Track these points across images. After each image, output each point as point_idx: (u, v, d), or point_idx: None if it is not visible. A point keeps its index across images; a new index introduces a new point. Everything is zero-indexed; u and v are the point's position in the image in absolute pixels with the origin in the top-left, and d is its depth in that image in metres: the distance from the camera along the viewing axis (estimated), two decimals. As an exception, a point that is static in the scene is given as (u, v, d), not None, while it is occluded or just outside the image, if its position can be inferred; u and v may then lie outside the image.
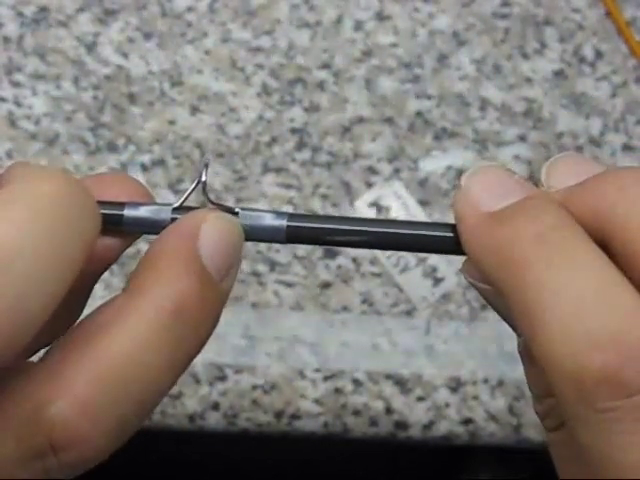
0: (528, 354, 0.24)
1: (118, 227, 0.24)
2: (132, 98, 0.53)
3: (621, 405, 0.20)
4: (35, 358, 0.23)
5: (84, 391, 0.20)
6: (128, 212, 0.24)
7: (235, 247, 0.23)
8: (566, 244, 0.21)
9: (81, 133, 0.52)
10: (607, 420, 0.20)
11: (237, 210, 0.24)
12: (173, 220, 0.24)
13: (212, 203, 0.24)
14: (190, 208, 0.24)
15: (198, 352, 0.23)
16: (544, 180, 0.23)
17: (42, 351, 0.23)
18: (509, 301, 0.21)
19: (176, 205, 0.24)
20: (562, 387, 0.20)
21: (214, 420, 0.50)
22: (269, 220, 0.24)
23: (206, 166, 0.25)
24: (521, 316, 0.21)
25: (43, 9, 0.54)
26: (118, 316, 0.21)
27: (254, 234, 0.24)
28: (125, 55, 0.53)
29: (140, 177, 0.52)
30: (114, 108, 0.52)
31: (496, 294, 0.22)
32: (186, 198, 0.24)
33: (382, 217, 0.52)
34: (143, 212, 0.24)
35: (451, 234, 0.24)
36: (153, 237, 0.24)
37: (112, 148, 0.52)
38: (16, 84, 0.53)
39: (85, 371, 0.20)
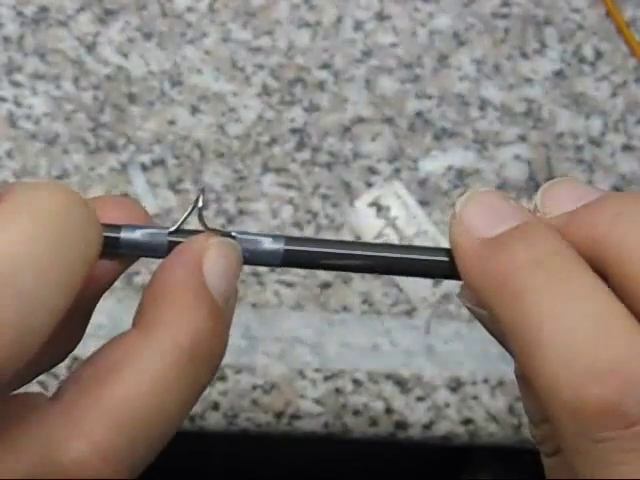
0: (524, 379, 0.24)
1: (115, 250, 0.24)
2: (132, 98, 0.53)
3: (620, 435, 0.19)
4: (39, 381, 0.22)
5: (104, 437, 0.20)
6: (125, 235, 0.24)
7: (237, 273, 0.23)
8: (563, 272, 0.21)
9: (81, 133, 0.52)
10: (606, 450, 0.20)
11: (234, 234, 0.24)
12: (170, 243, 0.24)
13: (208, 229, 0.24)
14: (187, 231, 0.24)
15: (210, 383, 0.23)
16: (539, 205, 0.23)
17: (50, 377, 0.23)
18: (505, 328, 0.21)
19: (173, 229, 0.24)
20: (560, 417, 0.20)
21: (214, 420, 0.50)
22: (267, 244, 0.24)
23: (202, 192, 0.24)
24: (518, 343, 0.21)
25: (43, 9, 0.54)
26: (132, 355, 0.21)
27: (251, 258, 0.24)
28: (125, 55, 0.53)
29: (140, 177, 0.52)
30: (114, 108, 0.52)
31: (493, 319, 0.22)
32: (182, 222, 0.24)
33: (382, 219, 0.52)
34: (139, 235, 0.24)
35: (447, 259, 0.24)
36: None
37: (112, 148, 0.52)
38: (16, 84, 0.53)
39: (103, 415, 0.20)
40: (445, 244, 0.24)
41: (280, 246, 0.24)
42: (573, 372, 0.20)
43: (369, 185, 0.52)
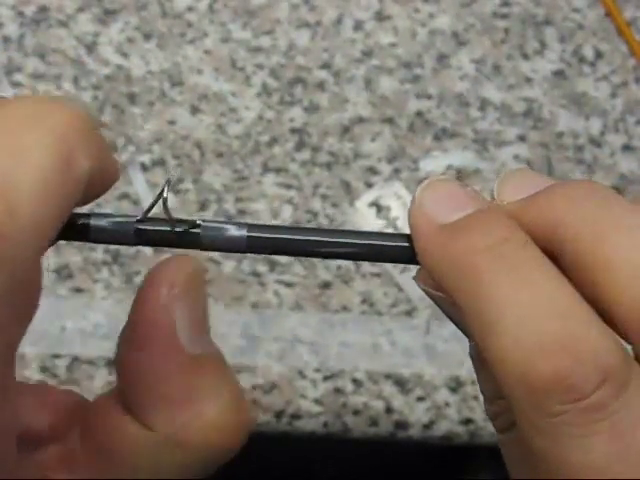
0: (479, 357, 0.25)
1: (85, 236, 0.24)
2: (132, 98, 0.53)
3: (571, 409, 0.20)
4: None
5: None
6: (95, 222, 0.24)
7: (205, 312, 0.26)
8: (517, 256, 0.22)
9: (81, 133, 0.52)
10: (558, 424, 0.20)
11: (199, 222, 0.25)
12: (137, 231, 0.25)
13: (172, 220, 0.25)
14: (154, 219, 0.25)
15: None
16: (496, 194, 0.24)
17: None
18: (463, 309, 0.22)
19: (139, 217, 0.25)
20: (514, 392, 0.21)
21: (214, 420, 0.50)
22: (231, 231, 0.25)
23: (168, 182, 0.25)
24: (475, 324, 0.22)
25: (43, 9, 0.54)
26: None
27: (217, 245, 0.25)
28: (125, 55, 0.53)
29: (140, 177, 0.52)
30: (114, 108, 0.52)
31: (449, 302, 0.23)
32: (148, 211, 0.25)
33: (382, 220, 0.52)
34: (107, 223, 0.25)
35: (407, 244, 0.24)
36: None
37: (112, 148, 0.52)
38: (16, 84, 0.53)
39: None
40: None
41: (243, 233, 0.25)
42: (526, 347, 0.20)
43: (369, 185, 0.52)
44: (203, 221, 0.25)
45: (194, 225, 0.25)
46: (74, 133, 0.21)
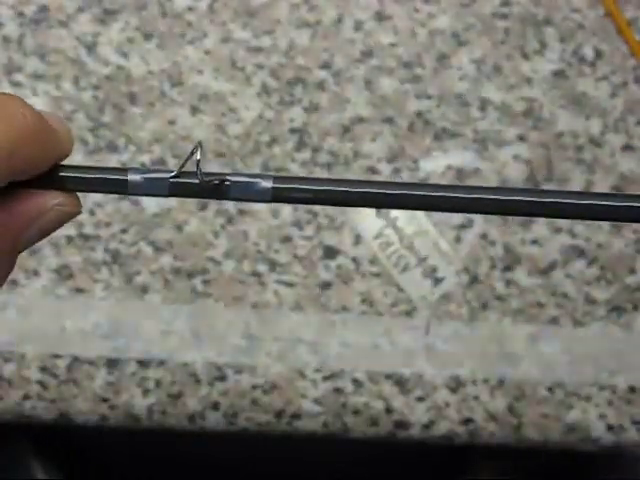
0: None
1: (123, 190, 0.28)
2: (132, 98, 0.53)
3: None
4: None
5: None
6: (132, 177, 0.28)
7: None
8: None
9: (81, 133, 0.52)
10: None
11: (228, 177, 0.28)
12: (171, 185, 0.28)
13: (203, 175, 0.27)
14: (185, 173, 0.28)
15: None
16: None
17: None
18: None
19: (174, 174, 0.28)
20: None
21: (214, 420, 0.50)
22: (258, 184, 0.28)
23: (199, 144, 0.28)
24: None
25: (43, 9, 0.54)
26: None
27: (244, 197, 0.28)
28: (125, 55, 0.53)
29: (140, 177, 0.52)
30: (114, 108, 0.52)
31: None
32: (181, 168, 0.28)
33: (382, 219, 0.52)
34: (143, 179, 0.28)
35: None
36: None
37: (112, 148, 0.52)
38: (16, 84, 0.53)
39: None
40: (445, 244, 0.25)
41: (269, 184, 0.28)
42: None
43: (369, 185, 0.52)
44: (231, 175, 0.28)
45: (223, 180, 0.27)
46: None
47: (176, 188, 0.28)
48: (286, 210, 0.52)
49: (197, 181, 0.27)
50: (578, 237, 0.52)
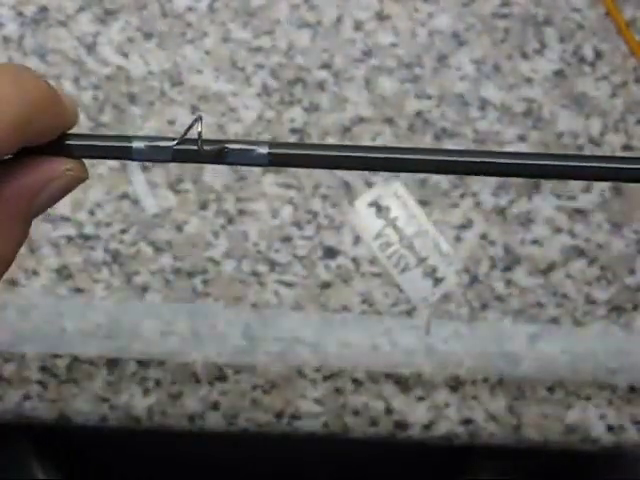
0: None
1: (128, 156, 0.29)
2: (132, 98, 0.53)
3: None
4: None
5: None
6: (136, 144, 0.29)
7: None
8: None
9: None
10: None
11: (227, 145, 0.29)
12: (174, 152, 0.29)
13: (203, 143, 0.29)
14: (187, 141, 0.29)
15: None
16: None
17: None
18: None
19: (177, 141, 0.29)
20: None
21: (214, 420, 0.50)
22: (254, 150, 0.29)
23: (199, 117, 0.29)
24: None
25: (43, 9, 0.54)
26: None
27: (242, 162, 0.30)
28: (125, 55, 0.53)
29: (140, 177, 0.52)
30: (114, 108, 0.52)
31: None
32: (183, 136, 0.29)
33: (382, 219, 0.52)
34: (146, 147, 0.29)
35: None
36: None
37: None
38: (16, 84, 0.53)
39: None
40: (445, 244, 0.25)
41: (265, 150, 0.29)
42: None
43: (369, 185, 0.52)
44: (230, 143, 0.29)
45: (222, 147, 0.29)
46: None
47: (179, 155, 0.29)
48: (286, 210, 0.52)
49: (197, 148, 0.29)
50: (578, 237, 0.52)
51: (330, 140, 0.52)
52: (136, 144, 0.29)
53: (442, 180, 0.52)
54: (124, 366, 0.50)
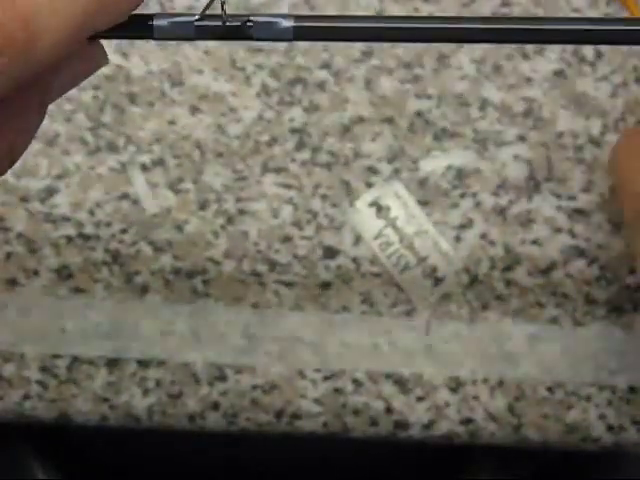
0: None
1: (150, 35, 0.29)
2: (132, 98, 0.53)
3: None
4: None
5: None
6: (157, 22, 0.29)
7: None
8: None
9: (81, 133, 0.52)
10: None
11: (251, 18, 0.29)
12: (196, 28, 0.29)
13: (226, 17, 0.28)
14: (210, 16, 0.29)
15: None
16: None
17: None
18: None
19: (198, 17, 0.29)
20: None
21: (214, 420, 0.51)
22: (279, 24, 0.29)
23: None
24: None
25: (43, 9, 0.54)
26: None
27: (267, 37, 0.29)
28: (125, 55, 0.53)
29: (140, 177, 0.52)
30: (114, 108, 0.52)
31: None
32: (205, 10, 0.29)
33: (382, 219, 0.52)
34: (169, 23, 0.29)
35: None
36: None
37: (112, 148, 0.52)
38: (16, 84, 0.53)
39: None
40: (445, 244, 0.25)
41: (290, 23, 0.29)
42: None
43: (369, 185, 0.52)
44: (254, 16, 0.29)
45: (246, 21, 0.29)
46: None
47: (201, 31, 0.29)
48: (286, 210, 0.52)
49: (221, 23, 0.28)
50: (578, 237, 0.52)
51: (330, 140, 0.52)
52: (157, 22, 0.29)
53: (442, 180, 0.52)
54: (124, 366, 0.50)
